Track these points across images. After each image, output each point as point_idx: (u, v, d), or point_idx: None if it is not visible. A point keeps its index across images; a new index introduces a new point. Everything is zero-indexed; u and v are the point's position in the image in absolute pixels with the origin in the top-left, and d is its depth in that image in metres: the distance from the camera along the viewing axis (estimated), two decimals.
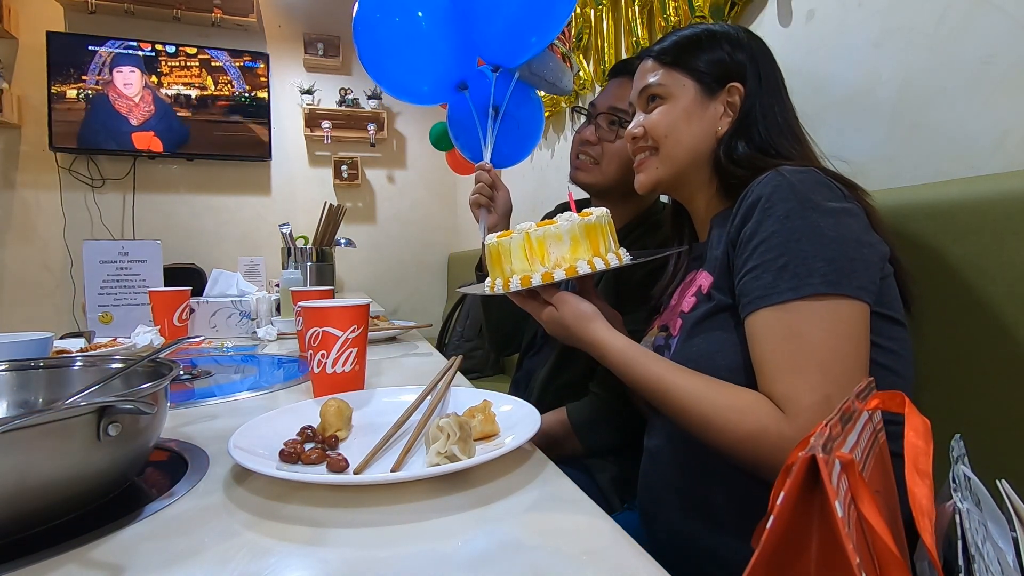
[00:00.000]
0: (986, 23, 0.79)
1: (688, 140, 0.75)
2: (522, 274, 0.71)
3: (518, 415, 0.60)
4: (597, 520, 0.42)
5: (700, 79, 0.75)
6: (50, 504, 0.40)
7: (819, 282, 0.56)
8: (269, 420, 0.59)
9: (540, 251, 0.70)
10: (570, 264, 0.69)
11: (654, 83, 0.77)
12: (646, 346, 0.75)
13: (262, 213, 3.44)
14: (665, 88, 0.76)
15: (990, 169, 0.76)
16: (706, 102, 0.75)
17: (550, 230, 0.70)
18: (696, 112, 0.75)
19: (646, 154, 0.79)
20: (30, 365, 0.59)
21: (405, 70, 1.25)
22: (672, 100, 0.76)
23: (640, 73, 0.80)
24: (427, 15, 1.20)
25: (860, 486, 0.26)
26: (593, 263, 0.69)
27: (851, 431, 0.32)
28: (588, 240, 0.70)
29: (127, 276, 1.43)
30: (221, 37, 3.31)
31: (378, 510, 0.44)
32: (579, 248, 0.70)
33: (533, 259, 0.71)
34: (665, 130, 0.76)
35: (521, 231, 0.71)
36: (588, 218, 0.70)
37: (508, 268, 0.72)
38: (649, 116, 0.77)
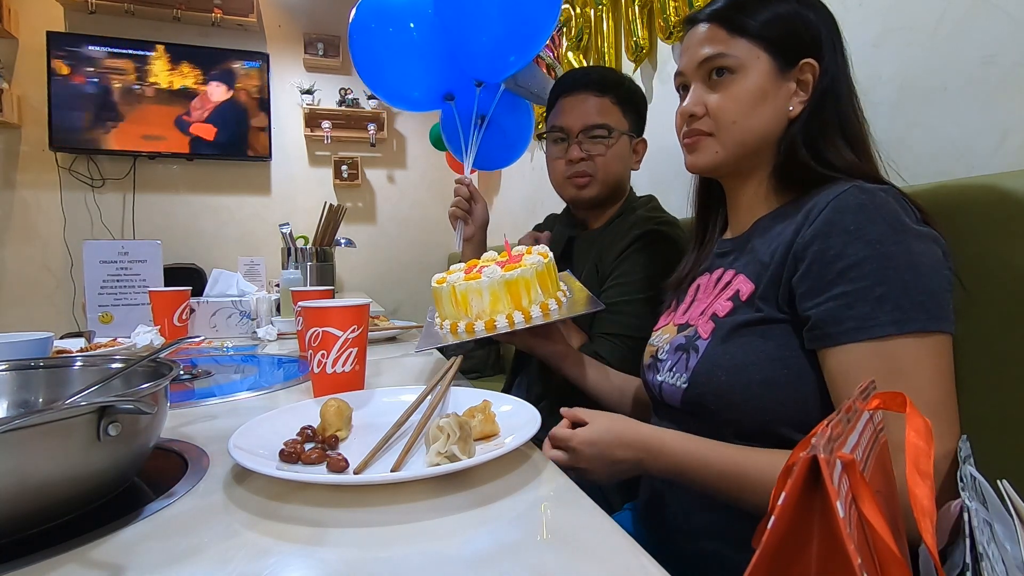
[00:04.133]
0: (986, 23, 0.79)
1: (758, 125, 0.66)
2: (452, 320, 0.79)
3: (518, 415, 0.60)
4: (597, 520, 0.42)
5: (776, 51, 0.65)
6: (50, 504, 0.40)
7: (924, 318, 0.52)
8: (269, 420, 0.59)
9: (463, 303, 0.77)
10: (490, 318, 0.76)
11: (722, 54, 0.66)
12: (659, 344, 0.74)
13: (262, 213, 3.44)
14: (737, 60, 0.65)
15: (990, 169, 0.76)
16: (781, 78, 0.66)
17: (472, 285, 0.76)
18: (771, 91, 0.65)
19: (701, 135, 0.69)
20: (30, 365, 0.59)
21: (397, 77, 1.31)
22: (743, 75, 0.66)
23: (698, 40, 0.68)
24: (418, 27, 1.25)
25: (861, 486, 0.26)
26: (511, 318, 0.74)
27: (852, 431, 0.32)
28: (509, 295, 0.75)
29: (127, 276, 1.43)
30: (221, 37, 3.31)
31: (378, 510, 0.44)
32: (499, 302, 0.75)
33: (458, 309, 0.77)
34: (735, 114, 0.66)
35: (450, 283, 0.77)
36: (511, 272, 0.75)
37: (443, 311, 0.81)
38: (714, 94, 0.67)
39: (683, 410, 0.67)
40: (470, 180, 1.22)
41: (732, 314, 0.64)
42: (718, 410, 0.63)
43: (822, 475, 0.24)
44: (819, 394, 0.58)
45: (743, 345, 0.62)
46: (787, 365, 0.59)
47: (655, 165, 1.68)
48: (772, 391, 0.59)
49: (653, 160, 1.68)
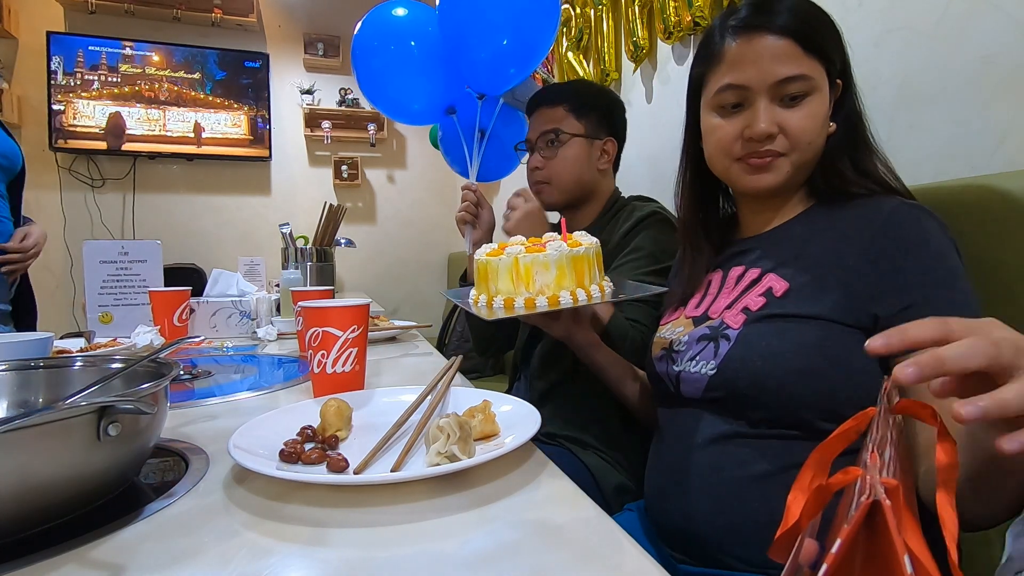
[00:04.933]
0: (986, 23, 0.79)
1: (822, 144, 0.67)
2: (506, 295, 0.73)
3: (518, 415, 0.60)
4: (597, 520, 0.42)
5: (830, 67, 0.66)
6: (50, 504, 0.40)
7: None
8: (269, 420, 0.59)
9: (526, 277, 0.72)
10: (553, 293, 0.71)
11: (804, 76, 0.64)
12: (673, 337, 0.74)
13: (262, 213, 3.44)
14: (811, 83, 0.64)
15: (990, 169, 0.76)
16: (829, 95, 0.67)
17: (538, 257, 0.71)
18: (827, 107, 0.66)
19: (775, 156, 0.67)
20: (30, 365, 0.59)
21: (399, 92, 1.37)
22: (818, 95, 0.65)
23: (771, 55, 0.64)
24: (419, 44, 1.31)
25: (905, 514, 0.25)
26: (575, 295, 0.70)
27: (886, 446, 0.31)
28: (574, 271, 0.71)
29: (127, 276, 1.43)
30: (221, 37, 3.31)
31: (378, 510, 0.44)
32: (564, 278, 0.71)
33: (519, 283, 0.72)
34: (812, 135, 0.65)
35: (510, 254, 0.72)
36: (577, 249, 0.72)
37: (493, 287, 0.74)
38: (788, 113, 0.65)
39: (703, 399, 0.67)
40: (476, 186, 1.24)
41: (765, 308, 0.65)
42: (749, 396, 0.63)
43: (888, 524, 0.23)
44: (850, 385, 0.59)
45: (779, 334, 0.62)
46: (825, 355, 0.60)
47: (656, 165, 1.68)
48: (807, 379, 0.59)
49: (655, 160, 1.68)
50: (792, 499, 0.31)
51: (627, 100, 1.79)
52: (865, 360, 0.58)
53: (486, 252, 0.76)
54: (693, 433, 0.68)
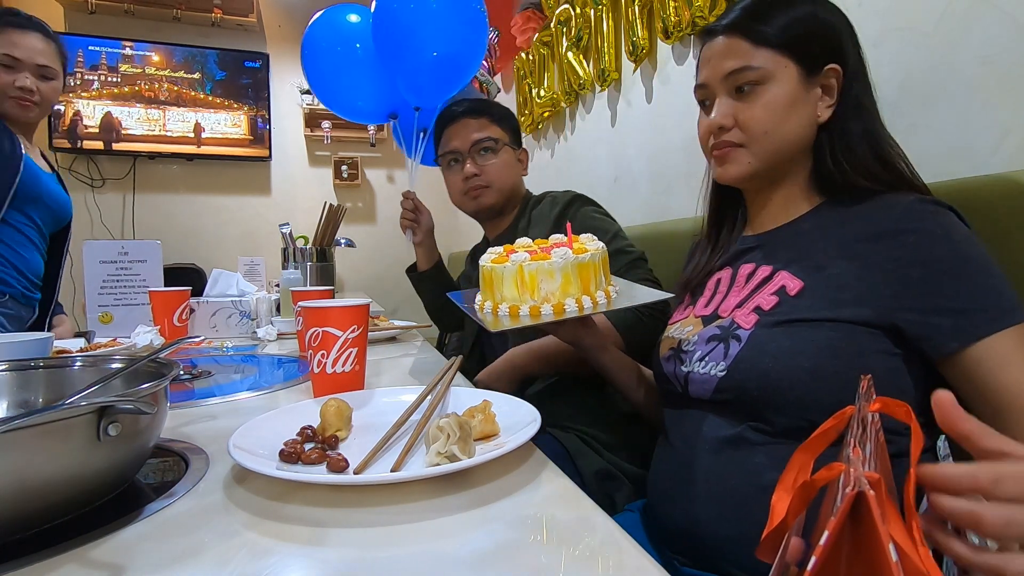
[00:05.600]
0: (986, 23, 0.79)
1: (790, 133, 0.67)
2: (511, 303, 0.72)
3: (518, 415, 0.60)
4: (597, 520, 0.42)
5: (800, 57, 0.66)
6: (50, 504, 0.40)
7: None
8: (269, 420, 0.59)
9: (531, 284, 0.71)
10: (559, 301, 0.70)
11: (748, 67, 0.66)
12: (681, 336, 0.73)
13: (262, 213, 3.44)
14: (761, 72, 0.66)
15: (990, 169, 0.76)
16: (808, 85, 0.66)
17: (543, 265, 0.70)
18: (800, 99, 0.66)
19: (731, 147, 0.69)
20: (30, 365, 0.59)
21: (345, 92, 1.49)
22: (772, 85, 0.66)
23: (719, 53, 0.68)
24: (364, 48, 1.41)
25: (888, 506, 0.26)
26: (581, 302, 0.69)
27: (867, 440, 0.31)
28: (579, 278, 0.71)
29: (127, 276, 1.43)
30: (221, 37, 3.31)
31: (378, 510, 0.44)
32: (570, 286, 0.70)
33: (524, 291, 0.72)
34: (766, 124, 0.66)
35: (515, 262, 0.72)
36: (583, 256, 0.71)
37: (499, 294, 0.74)
38: (742, 105, 0.67)
39: (712, 400, 0.66)
40: (414, 193, 1.39)
41: (779, 307, 0.64)
42: (760, 399, 0.62)
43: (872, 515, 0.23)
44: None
45: (792, 334, 0.61)
46: (837, 355, 0.59)
47: (656, 165, 1.68)
48: (819, 380, 0.58)
49: (655, 161, 1.68)
50: (777, 499, 0.31)
51: (627, 100, 1.79)
52: (883, 361, 0.59)
53: (491, 259, 0.76)
54: (700, 436, 0.67)
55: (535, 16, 2.30)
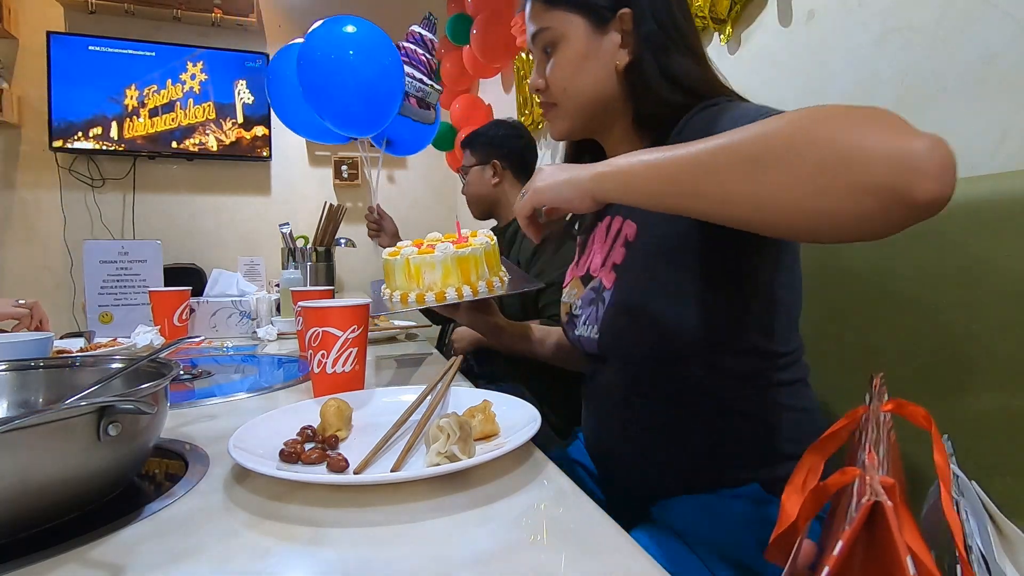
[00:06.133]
0: (986, 23, 0.79)
1: (589, 86, 0.70)
2: (403, 290, 0.83)
3: (518, 415, 0.60)
4: (597, 520, 0.42)
5: (587, 11, 0.69)
6: (50, 504, 0.40)
7: None
8: (269, 420, 0.59)
9: (416, 275, 0.82)
10: (440, 290, 0.80)
11: (541, 29, 0.71)
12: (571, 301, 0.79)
13: (262, 213, 3.44)
14: (554, 32, 0.71)
15: (990, 169, 0.76)
16: (599, 36, 0.69)
17: (425, 259, 0.81)
18: (592, 51, 0.69)
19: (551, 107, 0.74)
20: (30, 365, 0.59)
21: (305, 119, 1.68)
22: (564, 43, 0.70)
23: (525, 19, 0.74)
24: None
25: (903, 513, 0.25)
26: (461, 291, 0.80)
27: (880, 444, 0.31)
28: (459, 269, 0.80)
29: (127, 276, 1.43)
30: (221, 37, 3.31)
31: (378, 510, 0.44)
32: (450, 276, 0.80)
33: (411, 280, 0.82)
34: (563, 81, 0.71)
35: (403, 256, 0.82)
36: (463, 249, 0.81)
37: (393, 283, 0.86)
38: (549, 66, 0.72)
39: (600, 358, 0.73)
40: (376, 206, 1.62)
41: (627, 258, 0.68)
42: (630, 352, 0.68)
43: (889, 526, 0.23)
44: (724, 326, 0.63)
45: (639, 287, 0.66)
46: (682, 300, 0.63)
47: None
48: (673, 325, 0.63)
49: None
50: (786, 499, 0.31)
51: None
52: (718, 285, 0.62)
53: (388, 252, 0.87)
54: (605, 390, 0.74)
55: None
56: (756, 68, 1.23)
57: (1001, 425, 0.65)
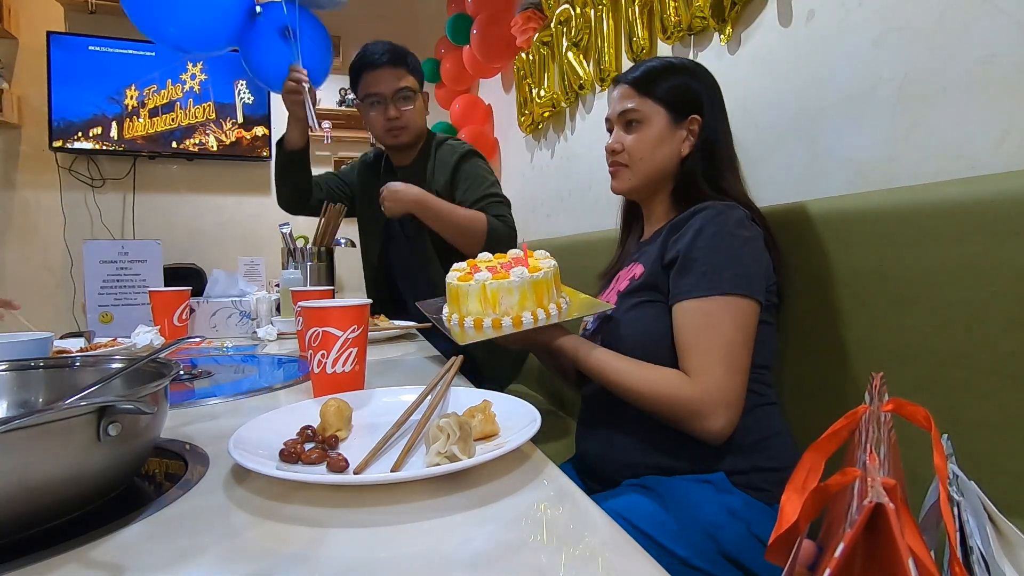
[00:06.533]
0: (986, 23, 0.79)
1: (658, 161, 0.92)
2: (476, 316, 0.85)
3: (518, 415, 0.60)
4: (597, 520, 0.42)
5: (669, 108, 0.90)
6: (50, 504, 0.40)
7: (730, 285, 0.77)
8: (269, 420, 0.59)
9: (493, 301, 0.84)
10: (516, 314, 0.83)
11: (631, 109, 0.92)
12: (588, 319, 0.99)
13: (262, 213, 3.44)
14: (641, 113, 0.91)
15: (990, 169, 0.76)
16: (674, 128, 0.91)
17: (503, 284, 0.83)
18: (666, 138, 0.91)
19: (620, 167, 0.94)
20: (30, 365, 0.59)
21: None
22: (647, 124, 0.91)
23: (619, 96, 0.94)
24: None
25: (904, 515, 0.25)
26: (536, 314, 0.83)
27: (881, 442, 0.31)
28: (534, 294, 0.84)
29: (127, 276, 1.43)
30: None
31: (378, 510, 0.44)
32: (527, 300, 0.83)
33: (487, 305, 0.84)
34: (640, 153, 0.92)
35: (479, 281, 0.84)
36: (536, 274, 0.84)
37: (465, 308, 0.86)
38: (627, 136, 0.93)
39: None
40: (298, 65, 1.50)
41: (629, 287, 0.89)
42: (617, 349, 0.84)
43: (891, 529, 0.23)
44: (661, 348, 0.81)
45: (634, 311, 0.86)
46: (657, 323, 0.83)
47: None
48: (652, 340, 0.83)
49: None
50: (786, 499, 0.31)
51: None
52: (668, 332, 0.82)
53: (457, 277, 0.88)
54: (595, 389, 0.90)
55: (535, 16, 2.30)
56: (756, 68, 1.23)
57: (1001, 425, 0.65)
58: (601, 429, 0.90)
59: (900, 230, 0.77)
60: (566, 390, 1.74)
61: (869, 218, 0.82)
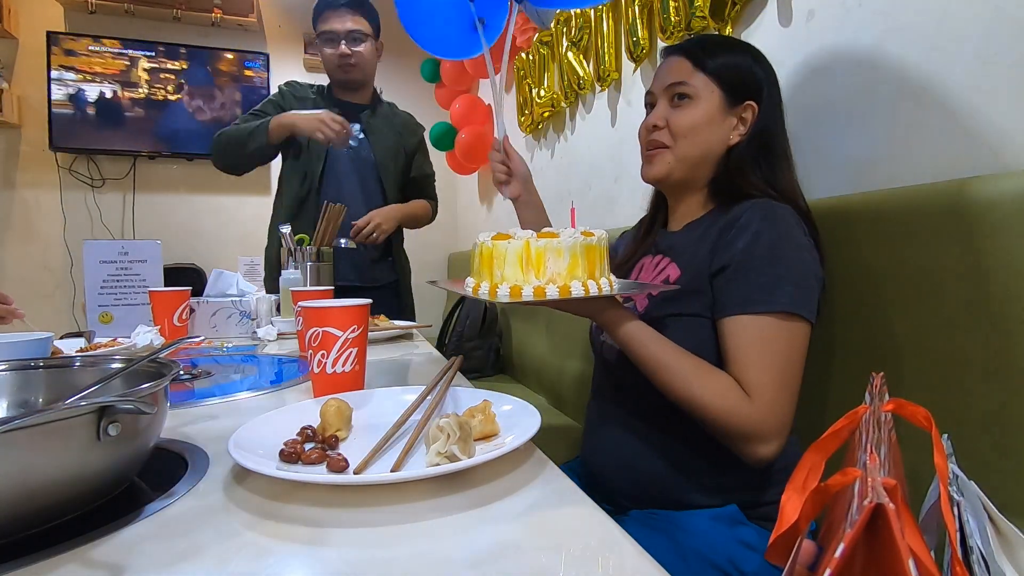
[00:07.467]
0: (986, 23, 0.79)
1: (704, 144, 0.82)
2: (513, 283, 0.68)
3: (518, 415, 0.60)
4: (597, 520, 0.42)
5: (725, 87, 0.81)
6: (50, 504, 0.40)
7: (787, 302, 0.70)
8: (269, 420, 0.59)
9: (538, 263, 0.68)
10: (565, 283, 0.67)
11: (682, 82, 0.82)
12: None
13: (262, 213, 3.43)
14: (694, 89, 0.81)
15: (990, 169, 0.76)
16: (726, 111, 0.81)
17: (552, 243, 0.67)
18: (717, 120, 0.81)
19: (659, 148, 0.84)
20: (30, 365, 0.59)
21: None
22: (698, 101, 0.81)
23: (669, 68, 0.84)
24: None
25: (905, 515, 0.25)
26: (587, 285, 0.67)
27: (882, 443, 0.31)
28: (587, 260, 0.68)
29: (127, 276, 1.43)
30: (221, 37, 3.31)
31: (378, 510, 0.44)
32: (577, 267, 0.68)
33: (528, 270, 0.68)
34: (685, 131, 0.81)
35: (521, 237, 0.68)
36: (591, 238, 0.69)
37: (499, 274, 0.69)
38: (674, 111, 0.82)
39: (617, 364, 0.82)
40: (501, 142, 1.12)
41: (664, 296, 0.80)
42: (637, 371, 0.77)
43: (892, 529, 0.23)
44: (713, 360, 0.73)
45: (665, 319, 0.78)
46: (692, 339, 0.75)
47: None
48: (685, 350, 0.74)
49: None
50: (787, 499, 0.31)
51: (627, 100, 1.79)
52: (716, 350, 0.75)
53: (492, 236, 0.71)
54: (611, 396, 0.86)
55: None
56: None
57: (1001, 425, 0.65)
58: (613, 449, 0.84)
59: (900, 230, 0.77)
60: (566, 390, 1.74)
61: (869, 218, 0.82)
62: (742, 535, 0.73)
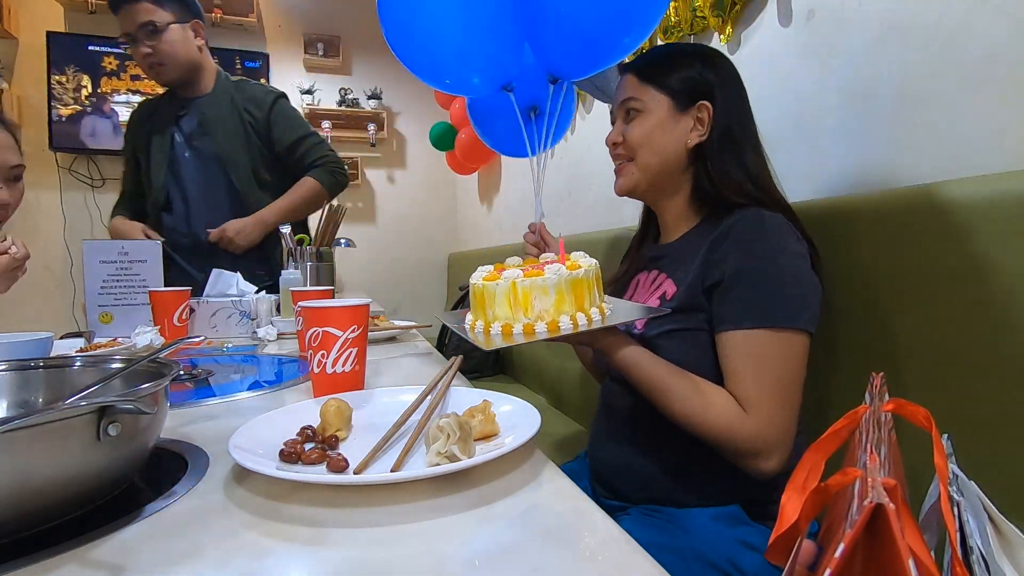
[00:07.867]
0: (986, 23, 0.79)
1: (660, 149, 0.85)
2: (504, 321, 0.71)
3: (518, 415, 0.60)
4: (597, 520, 0.42)
5: (673, 95, 0.85)
6: (50, 504, 0.40)
7: (782, 316, 0.71)
8: (269, 420, 0.59)
9: (524, 302, 0.70)
10: (552, 319, 0.69)
11: (632, 98, 0.87)
12: None
13: None
14: (643, 103, 0.86)
15: (990, 169, 0.76)
16: (678, 116, 0.85)
17: (536, 282, 0.69)
18: (668, 125, 0.85)
19: (623, 161, 0.89)
20: (30, 365, 0.59)
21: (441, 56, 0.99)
22: (648, 114, 0.86)
23: (622, 85, 0.89)
24: None
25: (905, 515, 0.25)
26: (575, 319, 0.69)
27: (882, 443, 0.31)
28: (573, 294, 0.70)
29: (127, 276, 1.43)
30: (221, 37, 3.31)
31: (378, 510, 0.44)
32: (564, 303, 0.70)
33: (517, 308, 0.70)
34: (639, 140, 0.86)
35: (507, 279, 0.71)
36: (576, 272, 0.71)
37: (491, 313, 0.72)
38: (628, 126, 0.87)
39: (622, 380, 0.81)
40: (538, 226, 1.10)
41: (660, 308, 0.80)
42: None
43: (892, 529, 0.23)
44: (714, 373, 0.75)
45: (669, 335, 0.79)
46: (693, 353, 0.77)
47: None
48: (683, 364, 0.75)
49: None
50: (787, 499, 0.31)
51: None
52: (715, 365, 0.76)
53: (482, 276, 0.75)
54: (614, 405, 0.88)
55: None
56: (756, 68, 1.23)
57: (1001, 425, 0.65)
58: (621, 444, 0.86)
59: (900, 230, 0.77)
60: (566, 390, 1.74)
61: (869, 218, 0.82)
62: (743, 534, 0.73)
